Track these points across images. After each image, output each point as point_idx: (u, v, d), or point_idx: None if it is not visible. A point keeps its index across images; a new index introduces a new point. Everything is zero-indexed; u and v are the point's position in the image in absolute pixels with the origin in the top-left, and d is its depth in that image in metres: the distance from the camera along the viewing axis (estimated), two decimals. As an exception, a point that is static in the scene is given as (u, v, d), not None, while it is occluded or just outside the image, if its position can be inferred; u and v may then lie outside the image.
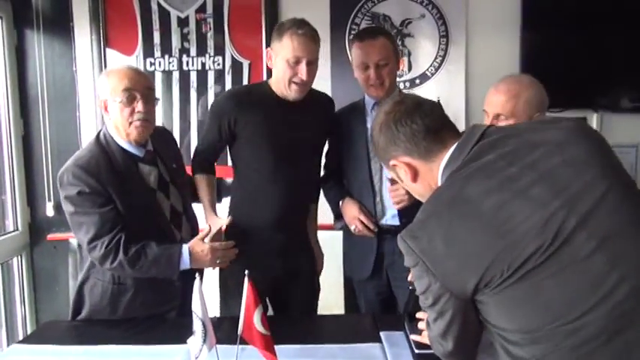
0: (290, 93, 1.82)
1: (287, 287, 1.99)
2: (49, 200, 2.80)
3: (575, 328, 0.89)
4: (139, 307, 1.74)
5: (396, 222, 1.91)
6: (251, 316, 1.20)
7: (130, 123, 1.66)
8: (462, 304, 1.00)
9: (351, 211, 1.95)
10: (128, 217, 1.65)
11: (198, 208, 1.95)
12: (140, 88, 1.67)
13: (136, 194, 1.68)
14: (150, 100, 1.69)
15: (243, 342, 1.24)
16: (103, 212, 1.62)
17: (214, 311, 1.96)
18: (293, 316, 1.96)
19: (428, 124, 1.06)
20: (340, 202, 2.01)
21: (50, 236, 2.81)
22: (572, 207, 0.90)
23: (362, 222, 1.92)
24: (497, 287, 0.93)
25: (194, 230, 1.87)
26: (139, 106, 1.65)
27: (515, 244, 0.90)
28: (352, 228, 1.95)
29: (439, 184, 1.06)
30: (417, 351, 1.51)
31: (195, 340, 1.19)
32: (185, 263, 1.67)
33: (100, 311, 1.75)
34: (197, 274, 1.21)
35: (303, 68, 1.77)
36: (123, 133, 1.69)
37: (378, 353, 1.54)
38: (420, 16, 2.66)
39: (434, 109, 1.10)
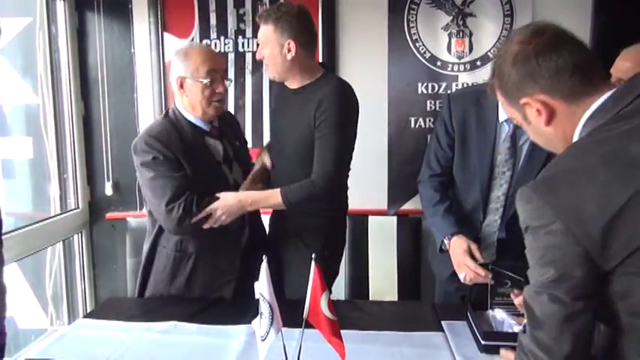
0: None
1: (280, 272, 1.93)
2: (108, 180, 2.87)
3: None
4: (199, 276, 1.80)
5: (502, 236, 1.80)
6: (317, 300, 1.17)
7: (210, 102, 1.74)
8: (595, 287, 0.85)
9: (457, 254, 1.70)
10: (196, 185, 1.72)
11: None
12: (220, 70, 1.76)
13: (203, 164, 1.76)
14: (224, 82, 1.78)
15: (308, 326, 1.22)
16: (178, 177, 1.70)
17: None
18: (350, 302, 1.93)
19: (576, 61, 0.91)
20: (446, 240, 1.75)
21: (109, 215, 2.89)
22: None
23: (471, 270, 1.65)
24: None
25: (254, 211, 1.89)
26: (220, 87, 1.74)
27: None
28: (461, 277, 1.68)
29: (577, 133, 0.92)
30: (483, 342, 1.46)
31: (262, 322, 1.18)
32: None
33: (162, 280, 1.82)
34: (264, 256, 1.18)
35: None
36: (199, 110, 1.76)
37: (441, 342, 1.50)
38: (483, -5, 2.54)
39: (582, 45, 0.94)
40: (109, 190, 2.86)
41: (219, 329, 1.56)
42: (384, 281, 2.73)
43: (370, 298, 2.70)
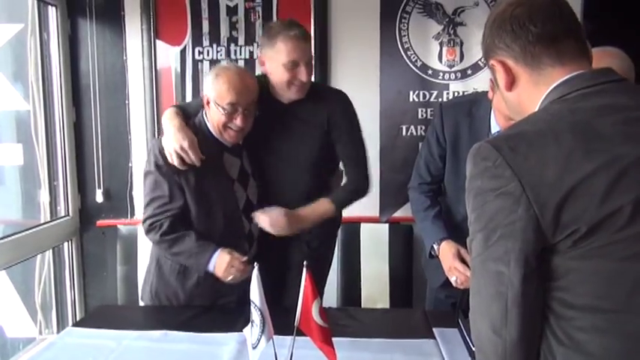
0: (291, 95, 1.82)
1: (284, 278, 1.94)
2: (99, 187, 2.85)
3: None
4: (201, 293, 1.79)
5: None
6: (309, 307, 1.18)
7: (226, 130, 1.73)
8: (535, 262, 0.79)
9: (446, 259, 1.70)
10: (200, 199, 1.72)
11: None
12: (244, 103, 1.71)
13: (213, 180, 1.75)
14: (250, 114, 1.74)
15: (299, 333, 1.22)
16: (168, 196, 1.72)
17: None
18: (342, 309, 1.93)
19: (550, 32, 0.88)
20: (435, 246, 1.76)
21: (99, 222, 2.87)
22: None
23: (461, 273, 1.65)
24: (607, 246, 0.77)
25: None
26: (238, 120, 1.71)
27: None
28: (453, 280, 1.68)
29: (539, 104, 0.90)
30: (474, 348, 1.46)
31: (253, 330, 1.17)
32: (211, 267, 1.71)
33: (167, 289, 1.80)
34: (255, 263, 1.18)
35: (302, 71, 1.77)
36: (216, 132, 1.76)
37: (432, 349, 1.50)
38: (473, 4, 2.57)
39: (568, 19, 0.90)
40: (99, 198, 2.85)
41: (210, 337, 1.55)
42: (375, 288, 2.73)
43: (362, 306, 2.69)
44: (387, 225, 2.70)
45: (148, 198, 1.74)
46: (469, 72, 2.62)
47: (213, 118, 1.73)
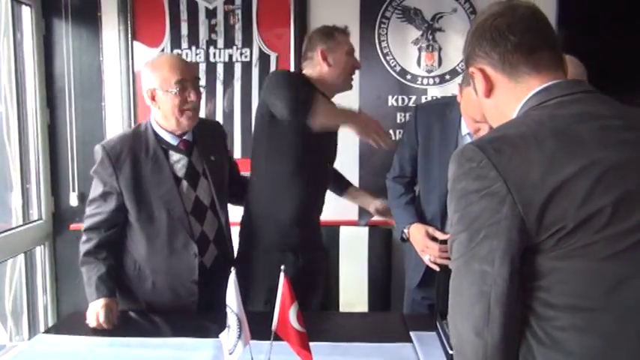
0: (349, 84, 1.96)
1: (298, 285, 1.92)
2: (73, 190, 2.80)
3: None
4: (158, 298, 1.76)
5: None
6: (286, 312, 1.17)
7: (182, 112, 1.70)
8: (519, 262, 0.80)
9: (417, 239, 1.78)
10: (140, 202, 1.70)
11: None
12: (190, 78, 1.72)
13: (155, 180, 1.72)
14: (198, 89, 1.74)
15: (277, 338, 1.21)
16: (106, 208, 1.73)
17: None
18: (320, 313, 1.92)
19: (528, 41, 0.91)
20: (406, 230, 1.83)
21: (73, 226, 2.81)
22: None
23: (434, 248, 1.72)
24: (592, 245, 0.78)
25: (221, 227, 1.85)
26: (192, 95, 1.70)
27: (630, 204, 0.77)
28: (426, 259, 1.76)
29: (515, 110, 0.92)
30: (451, 352, 1.47)
31: (230, 335, 1.16)
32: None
33: (127, 292, 1.78)
34: (232, 268, 1.17)
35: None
36: (172, 121, 1.72)
37: (409, 353, 1.50)
38: (451, 11, 2.60)
39: (545, 29, 0.93)
40: (74, 201, 2.79)
41: (185, 342, 1.53)
42: (354, 292, 2.73)
43: (340, 309, 2.69)
44: (366, 228, 2.71)
45: (89, 199, 1.77)
46: (447, 77, 2.65)
47: (166, 107, 1.69)
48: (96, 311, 1.62)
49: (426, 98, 2.66)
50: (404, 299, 2.08)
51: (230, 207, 1.92)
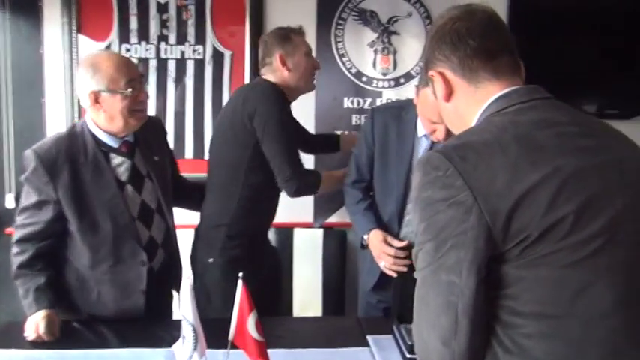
0: (311, 85, 2.06)
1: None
2: (10, 192, 2.62)
3: None
4: (103, 309, 1.68)
5: None
6: (244, 320, 1.13)
7: (132, 113, 1.62)
8: (485, 271, 0.80)
9: (375, 245, 1.78)
10: (81, 210, 1.60)
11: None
12: (138, 77, 1.64)
13: (96, 186, 1.61)
14: (144, 88, 1.67)
15: (233, 347, 1.17)
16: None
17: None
18: (273, 319, 1.89)
19: (487, 46, 0.92)
20: (365, 236, 1.83)
21: (9, 230, 2.63)
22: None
23: (390, 256, 1.74)
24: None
25: (168, 229, 1.78)
26: (142, 95, 1.63)
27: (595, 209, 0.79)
28: (382, 265, 1.76)
29: (477, 117, 0.93)
30: (408, 355, 1.47)
31: (185, 346, 1.10)
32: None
33: (68, 309, 1.68)
34: (187, 277, 1.12)
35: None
36: (120, 123, 1.62)
37: (367, 358, 1.50)
38: (407, 14, 2.62)
39: (503, 35, 0.95)
40: (10, 203, 2.61)
41: (134, 353, 1.46)
42: (308, 294, 2.71)
43: (294, 312, 2.67)
44: (321, 230, 2.69)
45: (20, 208, 1.65)
46: (402, 80, 2.67)
47: (114, 109, 1.60)
48: (36, 322, 1.52)
49: (381, 101, 2.67)
50: (358, 302, 2.08)
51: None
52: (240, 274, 1.13)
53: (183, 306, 1.10)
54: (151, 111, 2.60)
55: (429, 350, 0.85)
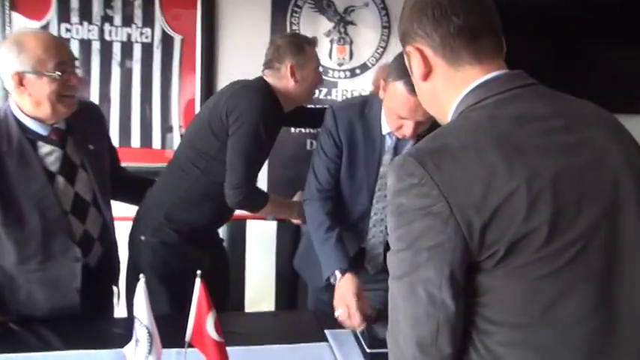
0: (311, 98, 2.03)
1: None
2: None
3: None
4: (35, 310, 1.56)
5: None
6: (202, 320, 1.07)
7: (61, 99, 1.48)
8: (462, 280, 0.78)
9: (344, 294, 1.59)
10: (4, 203, 1.46)
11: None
12: (70, 59, 1.50)
13: (21, 177, 1.48)
14: (76, 72, 1.53)
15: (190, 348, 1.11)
16: None
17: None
18: (228, 315, 1.83)
19: (472, 24, 0.84)
20: (338, 274, 1.63)
21: None
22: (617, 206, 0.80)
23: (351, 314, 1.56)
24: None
25: (105, 222, 1.68)
26: (74, 79, 1.49)
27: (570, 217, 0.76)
28: (337, 312, 1.59)
29: (455, 103, 0.88)
30: (368, 350, 1.46)
31: (138, 350, 1.03)
32: None
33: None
34: (141, 275, 1.04)
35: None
36: (47, 109, 1.48)
37: (326, 353, 1.48)
38: (363, 4, 2.59)
39: (489, 14, 0.88)
40: None
41: (81, 356, 1.36)
42: (261, 288, 2.67)
43: (246, 305, 2.62)
44: (274, 223, 2.64)
45: None
46: (357, 72, 2.65)
47: (40, 93, 1.46)
48: None
49: (336, 91, 2.64)
50: (308, 298, 2.02)
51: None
52: (199, 272, 1.07)
53: (136, 307, 1.03)
54: (94, 96, 2.46)
55: (405, 358, 0.83)
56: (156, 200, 1.86)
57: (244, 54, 2.55)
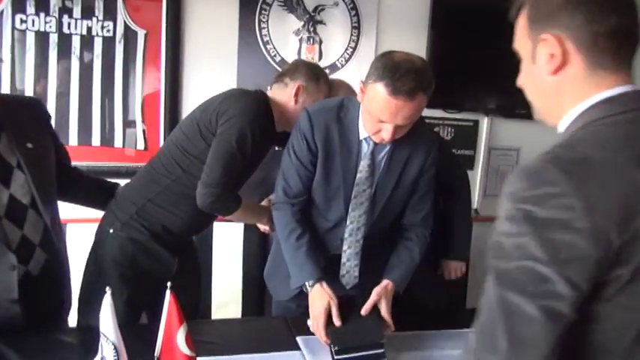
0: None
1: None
2: None
3: None
4: None
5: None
6: (173, 335, 1.02)
7: None
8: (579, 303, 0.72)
9: (315, 307, 1.54)
10: None
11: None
12: None
13: None
14: None
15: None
16: None
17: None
18: (197, 322, 1.77)
19: (626, 27, 0.77)
20: (311, 283, 1.57)
21: None
22: None
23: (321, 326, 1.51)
24: None
25: (47, 229, 1.54)
26: None
27: None
28: (309, 323, 1.55)
29: (577, 109, 0.80)
30: (336, 357, 1.44)
31: (104, 367, 0.97)
32: None
33: None
34: (108, 288, 0.98)
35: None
36: None
37: (299, 361, 1.44)
38: (333, 4, 2.57)
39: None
40: None
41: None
42: (227, 292, 2.60)
43: (213, 309, 2.55)
44: (241, 225, 2.58)
45: None
46: (327, 71, 2.61)
47: None
48: None
49: (305, 91, 2.61)
50: (273, 308, 1.92)
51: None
52: (169, 283, 1.01)
53: (102, 323, 0.96)
54: (51, 92, 2.34)
55: None
56: (131, 194, 1.77)
57: (211, 50, 2.49)
